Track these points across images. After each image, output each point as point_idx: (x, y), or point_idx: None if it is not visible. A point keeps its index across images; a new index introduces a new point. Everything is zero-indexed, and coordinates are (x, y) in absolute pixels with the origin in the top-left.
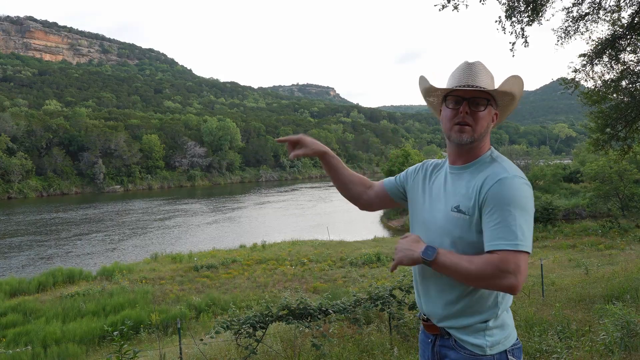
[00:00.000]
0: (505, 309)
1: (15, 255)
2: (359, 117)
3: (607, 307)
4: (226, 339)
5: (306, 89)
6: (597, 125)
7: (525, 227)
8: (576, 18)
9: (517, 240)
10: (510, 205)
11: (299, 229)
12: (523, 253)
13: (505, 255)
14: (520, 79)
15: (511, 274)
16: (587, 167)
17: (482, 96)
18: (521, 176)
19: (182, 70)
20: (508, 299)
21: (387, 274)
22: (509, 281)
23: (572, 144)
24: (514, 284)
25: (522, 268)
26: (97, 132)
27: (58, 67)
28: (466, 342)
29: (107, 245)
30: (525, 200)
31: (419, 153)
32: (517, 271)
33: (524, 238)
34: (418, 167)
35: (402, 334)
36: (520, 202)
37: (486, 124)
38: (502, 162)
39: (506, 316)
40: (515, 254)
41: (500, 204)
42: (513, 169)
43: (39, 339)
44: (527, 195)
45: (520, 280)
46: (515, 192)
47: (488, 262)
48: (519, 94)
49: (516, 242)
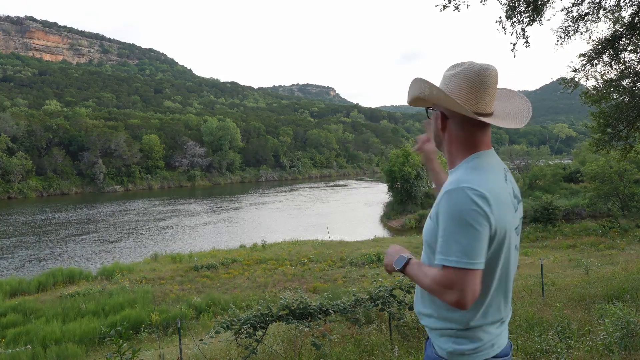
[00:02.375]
0: (483, 322)
1: (14, 256)
2: (359, 117)
3: (607, 307)
4: (226, 339)
5: (306, 89)
6: (598, 125)
7: (464, 241)
8: (576, 18)
9: (454, 256)
10: (448, 219)
11: (299, 229)
12: (462, 270)
13: (446, 272)
14: (413, 81)
15: (452, 290)
16: (587, 167)
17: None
18: (472, 187)
19: (182, 70)
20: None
21: (387, 274)
22: (450, 297)
23: (572, 144)
24: (456, 300)
25: (465, 285)
26: (97, 132)
27: (58, 67)
28: (435, 343)
29: (107, 245)
30: (468, 213)
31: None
32: (458, 287)
33: (461, 254)
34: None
35: (403, 334)
36: (460, 216)
37: (435, 129)
38: (464, 171)
39: (483, 330)
40: (454, 270)
41: (444, 218)
42: (466, 180)
43: (38, 339)
44: (473, 207)
45: (465, 296)
46: (457, 205)
47: (435, 278)
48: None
49: (453, 258)
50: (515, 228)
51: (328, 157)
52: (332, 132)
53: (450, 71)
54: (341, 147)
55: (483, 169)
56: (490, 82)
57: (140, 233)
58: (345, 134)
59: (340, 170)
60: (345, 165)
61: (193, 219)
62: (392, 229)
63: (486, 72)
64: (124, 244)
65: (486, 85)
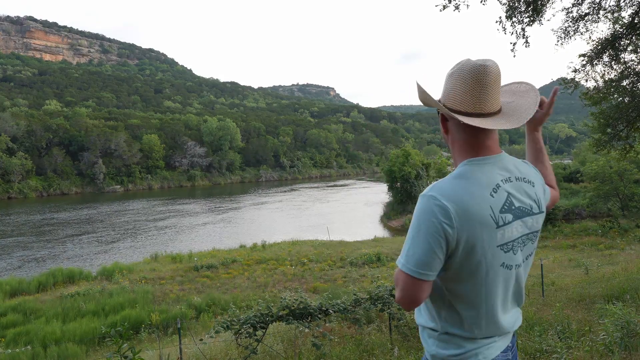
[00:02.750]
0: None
1: (13, 256)
2: (359, 117)
3: (607, 307)
4: (226, 339)
5: (306, 89)
6: (598, 125)
7: (413, 247)
8: (576, 18)
9: (402, 257)
10: (412, 223)
11: (299, 229)
12: (403, 273)
13: (397, 270)
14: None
15: (396, 288)
16: (587, 167)
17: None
18: (435, 196)
19: (182, 70)
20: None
21: (387, 274)
22: (396, 295)
23: (572, 144)
24: (397, 298)
25: (403, 286)
26: (97, 132)
27: (58, 67)
28: (424, 345)
29: (107, 245)
30: (423, 220)
31: (419, 153)
32: (399, 287)
33: (407, 258)
34: None
35: (403, 334)
36: (418, 222)
37: (444, 133)
38: (442, 179)
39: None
40: (399, 270)
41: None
42: (436, 187)
43: (39, 339)
44: (430, 217)
45: (401, 297)
46: (419, 212)
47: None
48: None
49: (400, 260)
50: (500, 245)
51: (328, 157)
52: (332, 132)
53: (449, 70)
54: (341, 147)
55: (466, 178)
56: (488, 79)
57: (140, 233)
58: (345, 134)
59: (340, 170)
60: (345, 165)
61: (193, 219)
62: (392, 229)
63: (481, 70)
64: (124, 244)
65: (482, 83)
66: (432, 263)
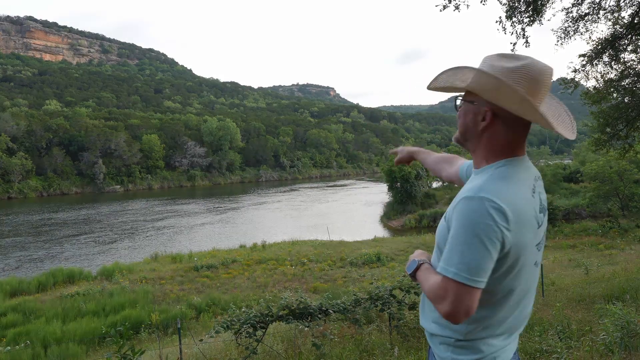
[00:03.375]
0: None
1: (11, 256)
2: (359, 117)
3: (607, 307)
4: (226, 339)
5: (306, 89)
6: (597, 124)
7: (469, 255)
8: (576, 18)
9: (454, 267)
10: (461, 229)
11: (298, 229)
12: (459, 283)
13: (443, 281)
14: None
15: (445, 301)
16: (587, 167)
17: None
18: (492, 198)
19: (182, 70)
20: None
21: (387, 274)
22: (443, 308)
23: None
24: (446, 311)
25: (458, 298)
26: (97, 132)
27: (58, 67)
28: (435, 352)
29: (107, 245)
30: (480, 227)
31: None
32: (452, 300)
33: (463, 266)
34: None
35: (403, 334)
36: (472, 228)
37: (465, 124)
38: (488, 178)
39: (484, 342)
40: (448, 280)
41: (455, 225)
42: (487, 189)
43: (39, 339)
44: (487, 222)
45: (457, 310)
46: (472, 216)
47: (431, 284)
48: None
49: (452, 270)
50: (537, 244)
51: (328, 157)
52: (332, 132)
53: (507, 63)
54: (341, 147)
55: (511, 179)
56: (548, 85)
57: (139, 233)
58: (345, 134)
59: (340, 170)
60: (345, 165)
61: (193, 219)
62: (392, 229)
63: (547, 73)
64: (124, 244)
65: (545, 87)
66: (486, 270)
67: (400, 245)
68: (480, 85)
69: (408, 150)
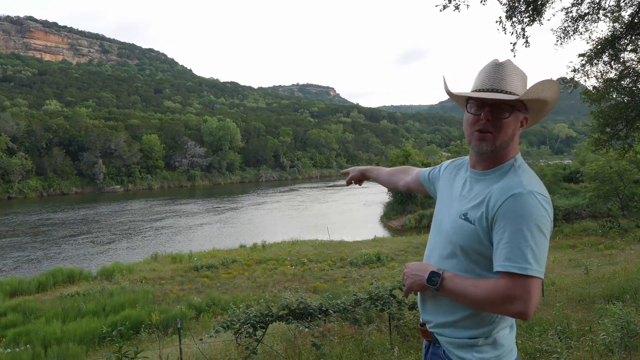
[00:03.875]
0: (502, 327)
1: (10, 257)
2: (359, 117)
3: (607, 307)
4: (226, 339)
5: (306, 89)
6: (597, 124)
7: (537, 249)
8: (575, 18)
9: (527, 263)
10: (522, 224)
11: (298, 229)
12: (533, 278)
13: (513, 280)
14: (552, 83)
15: (519, 300)
16: (587, 167)
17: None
18: (540, 192)
19: (182, 70)
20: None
21: (387, 274)
22: (517, 307)
23: (572, 144)
24: (523, 310)
25: (532, 294)
26: (97, 132)
27: (58, 67)
28: (453, 354)
29: (107, 245)
30: (540, 220)
31: (419, 153)
32: (527, 297)
33: (534, 261)
34: (450, 164)
35: (402, 334)
36: (534, 222)
37: (511, 132)
38: (522, 174)
39: (502, 335)
40: (525, 278)
41: (512, 222)
42: (531, 184)
43: (39, 339)
44: (544, 214)
45: (531, 306)
46: (530, 210)
47: (495, 287)
48: (551, 99)
49: (525, 266)
50: None
51: (328, 157)
52: (332, 132)
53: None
54: (341, 147)
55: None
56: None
57: (139, 233)
58: (345, 134)
59: (340, 170)
60: (346, 165)
61: (193, 219)
62: (392, 229)
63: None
64: (124, 244)
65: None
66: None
67: (401, 245)
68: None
69: (359, 169)
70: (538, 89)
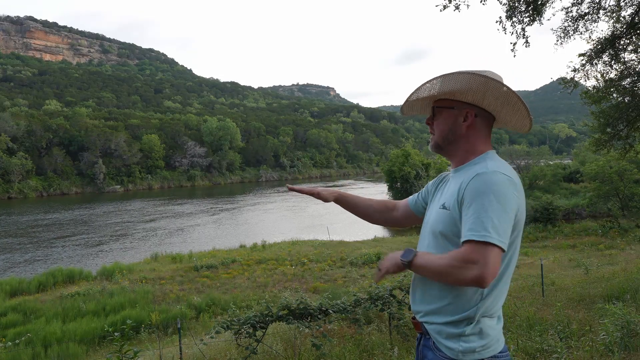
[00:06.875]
0: (487, 314)
1: (11, 256)
2: (359, 117)
3: (607, 307)
4: (226, 339)
5: (306, 89)
6: (598, 124)
7: (497, 220)
8: (575, 18)
9: (485, 231)
10: (482, 197)
11: (298, 229)
12: (490, 245)
13: (472, 246)
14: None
15: (476, 265)
16: (587, 167)
17: (440, 104)
18: (502, 172)
19: (182, 70)
20: (490, 303)
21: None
22: (472, 272)
23: (572, 144)
24: (479, 275)
25: (488, 260)
26: (97, 132)
27: (58, 67)
28: (441, 344)
29: (106, 245)
30: (500, 193)
31: (419, 153)
32: (483, 262)
33: (493, 231)
34: (436, 180)
35: (402, 334)
36: (493, 194)
37: (447, 129)
38: (488, 161)
39: (488, 325)
40: (482, 245)
41: (474, 197)
42: (495, 166)
43: (39, 339)
44: (503, 189)
45: (487, 272)
46: (490, 185)
47: (455, 255)
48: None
49: (483, 233)
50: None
51: (328, 157)
52: (332, 132)
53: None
54: (341, 147)
55: (504, 162)
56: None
57: (139, 233)
58: (345, 134)
59: (340, 170)
60: (345, 165)
61: (193, 219)
62: (392, 229)
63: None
64: (124, 244)
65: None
66: (508, 233)
67: (401, 245)
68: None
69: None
70: (428, 86)
